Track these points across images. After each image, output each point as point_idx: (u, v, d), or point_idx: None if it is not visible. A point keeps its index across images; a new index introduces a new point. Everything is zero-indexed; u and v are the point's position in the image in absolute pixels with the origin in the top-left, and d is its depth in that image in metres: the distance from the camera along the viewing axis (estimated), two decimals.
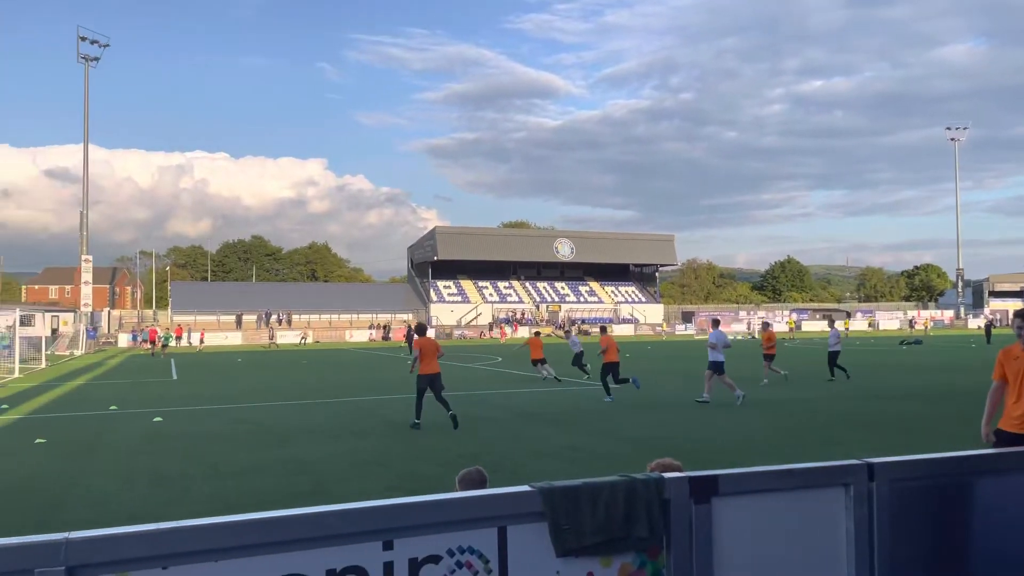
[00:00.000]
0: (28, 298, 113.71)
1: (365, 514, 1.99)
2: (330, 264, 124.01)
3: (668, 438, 12.39)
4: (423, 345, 14.07)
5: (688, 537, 2.29)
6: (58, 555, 1.70)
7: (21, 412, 17.30)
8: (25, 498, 8.79)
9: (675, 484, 2.31)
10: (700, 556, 2.29)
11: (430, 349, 13.99)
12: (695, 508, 2.30)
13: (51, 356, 40.38)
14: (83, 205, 64.28)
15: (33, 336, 39.80)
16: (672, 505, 2.29)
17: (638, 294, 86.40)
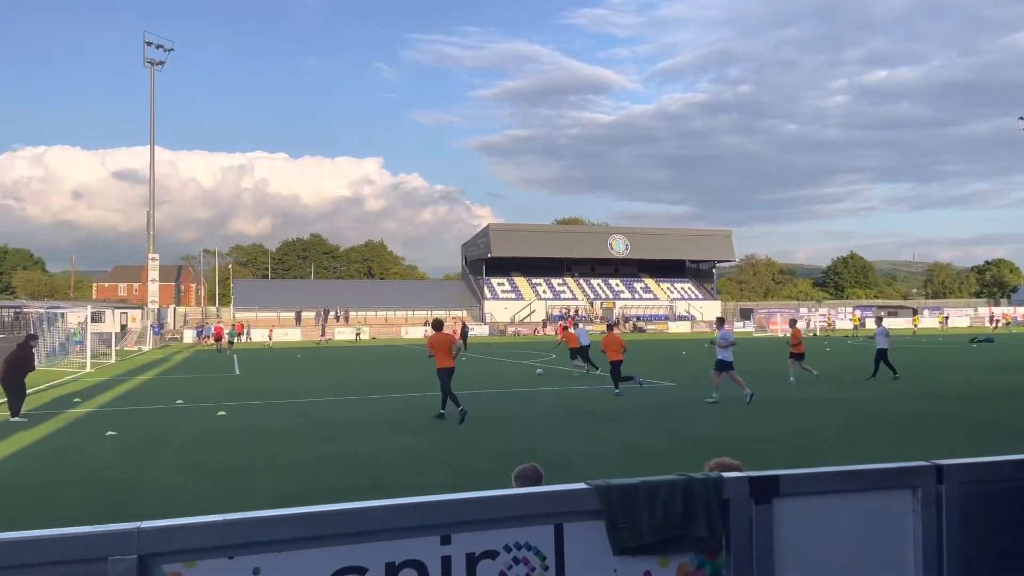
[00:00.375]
0: (98, 295, 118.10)
1: (423, 509, 2.01)
2: (386, 261, 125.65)
3: (727, 437, 12.20)
4: (436, 342, 14.62)
5: (748, 538, 2.25)
6: (131, 544, 1.77)
7: (93, 405, 17.99)
8: (98, 488, 9.14)
9: (735, 484, 2.28)
10: (761, 558, 2.25)
11: (442, 345, 14.50)
12: (755, 509, 2.26)
13: (120, 351, 41.86)
14: (150, 205, 66.49)
15: (104, 332, 41.30)
16: (732, 505, 2.26)
17: (694, 291, 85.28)
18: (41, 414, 16.28)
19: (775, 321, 71.68)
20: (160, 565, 1.80)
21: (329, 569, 1.92)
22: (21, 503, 8.45)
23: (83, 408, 17.42)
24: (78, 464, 10.63)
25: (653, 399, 17.60)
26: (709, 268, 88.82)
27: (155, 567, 1.79)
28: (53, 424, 14.76)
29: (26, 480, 9.65)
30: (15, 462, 10.95)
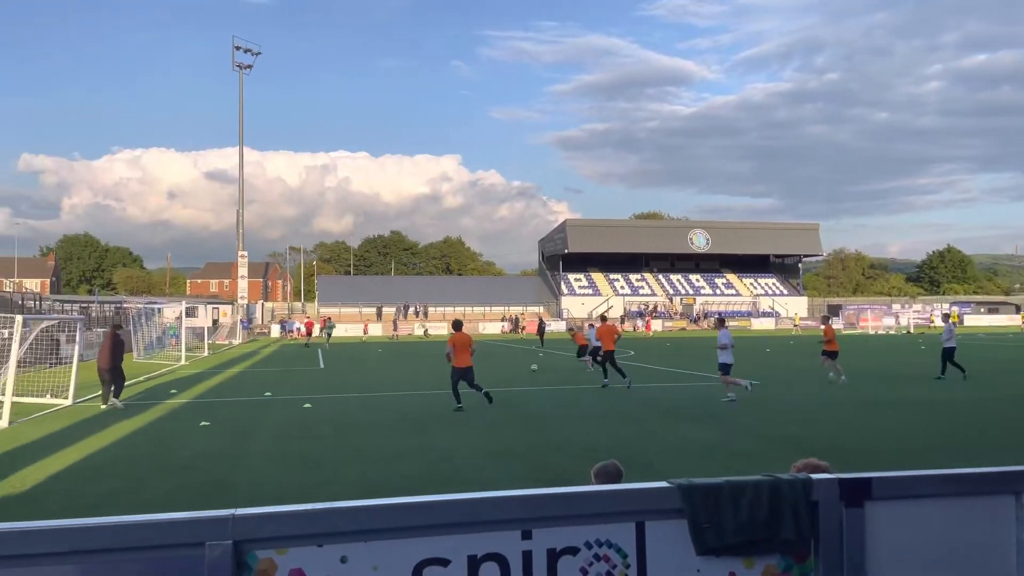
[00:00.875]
0: (192, 291, 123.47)
1: (505, 503, 2.03)
2: (463, 258, 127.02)
3: (814, 437, 11.84)
4: (456, 341, 15.29)
5: (838, 542, 2.18)
6: (226, 530, 1.84)
7: (188, 396, 18.84)
8: (194, 476, 9.57)
9: (824, 486, 2.21)
10: (852, 562, 2.18)
11: (462, 344, 15.21)
12: (846, 512, 2.19)
13: (212, 345, 43.66)
14: (239, 204, 69.05)
15: (197, 326, 43.16)
16: (821, 508, 2.19)
17: (779, 286, 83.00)
18: (141, 404, 17.15)
19: (865, 318, 69.08)
20: (253, 551, 1.87)
21: (413, 560, 1.96)
22: (123, 488, 8.93)
23: (179, 399, 18.25)
24: (175, 452, 11.15)
25: (737, 398, 17.22)
26: (795, 263, 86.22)
27: (248, 553, 1.86)
28: (152, 414, 15.52)
29: (128, 466, 10.18)
30: (118, 449, 11.57)
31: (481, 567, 2.00)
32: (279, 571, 1.88)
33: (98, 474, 9.70)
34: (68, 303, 51.17)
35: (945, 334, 21.26)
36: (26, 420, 14.59)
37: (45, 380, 18.43)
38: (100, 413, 15.65)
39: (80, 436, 12.68)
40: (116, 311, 47.30)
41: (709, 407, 15.50)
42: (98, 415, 15.35)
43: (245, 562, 1.86)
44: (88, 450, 11.40)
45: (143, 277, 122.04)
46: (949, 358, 20.76)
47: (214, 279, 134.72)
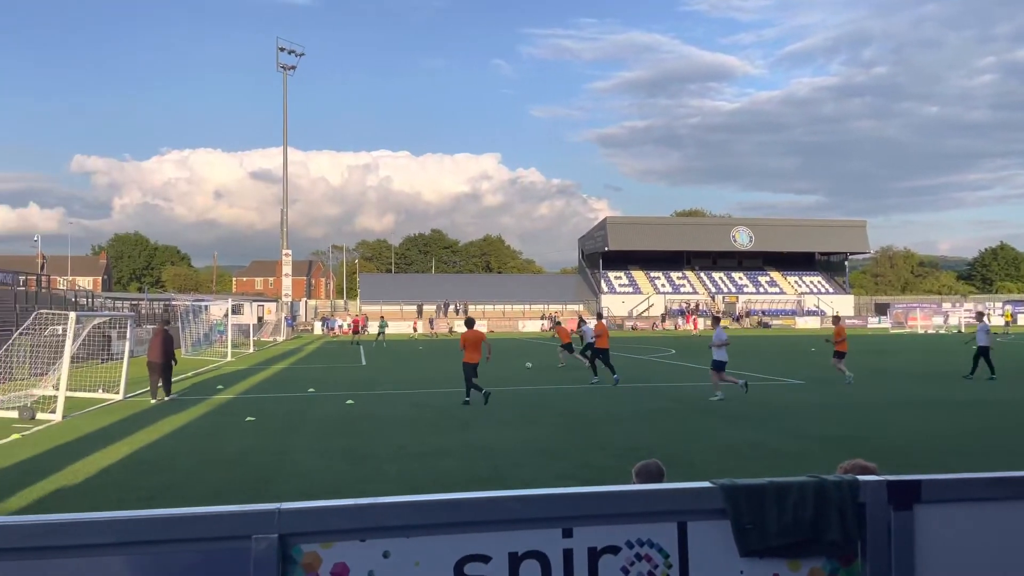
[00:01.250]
0: (238, 289, 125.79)
1: (545, 501, 2.03)
2: (503, 256, 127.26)
3: (861, 438, 11.61)
4: (468, 338, 16.12)
5: (887, 545, 2.14)
6: (272, 523, 1.88)
7: (234, 392, 19.20)
8: (239, 470, 9.76)
9: (871, 488, 2.16)
10: (900, 566, 2.13)
11: (473, 341, 15.98)
12: (894, 515, 2.14)
13: (257, 342, 44.41)
14: (283, 204, 70.17)
15: (243, 324, 43.93)
16: (868, 510, 2.15)
17: (824, 284, 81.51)
18: (189, 399, 17.54)
19: (914, 317, 67.43)
20: (299, 545, 1.90)
21: (454, 556, 1.97)
22: (172, 481, 9.14)
23: (225, 394, 18.62)
24: (222, 447, 11.38)
25: (779, 397, 16.98)
26: (841, 260, 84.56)
27: (294, 546, 1.89)
28: (199, 409, 15.86)
29: (177, 460, 10.43)
30: (167, 443, 11.85)
31: (522, 564, 2.00)
32: (323, 565, 1.91)
33: (149, 467, 9.94)
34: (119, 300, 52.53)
35: (979, 334, 21.00)
36: (79, 414, 15.03)
37: (97, 375, 18.94)
38: (150, 408, 16.04)
39: (131, 430, 13.02)
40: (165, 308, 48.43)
41: (752, 407, 15.29)
42: (148, 410, 15.74)
43: (290, 555, 1.89)
44: (139, 444, 11.70)
45: (191, 275, 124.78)
46: (985, 356, 20.60)
47: (259, 277, 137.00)
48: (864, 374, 22.89)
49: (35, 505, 8.07)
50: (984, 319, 21.91)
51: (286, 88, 68.68)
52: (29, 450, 11.20)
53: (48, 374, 17.75)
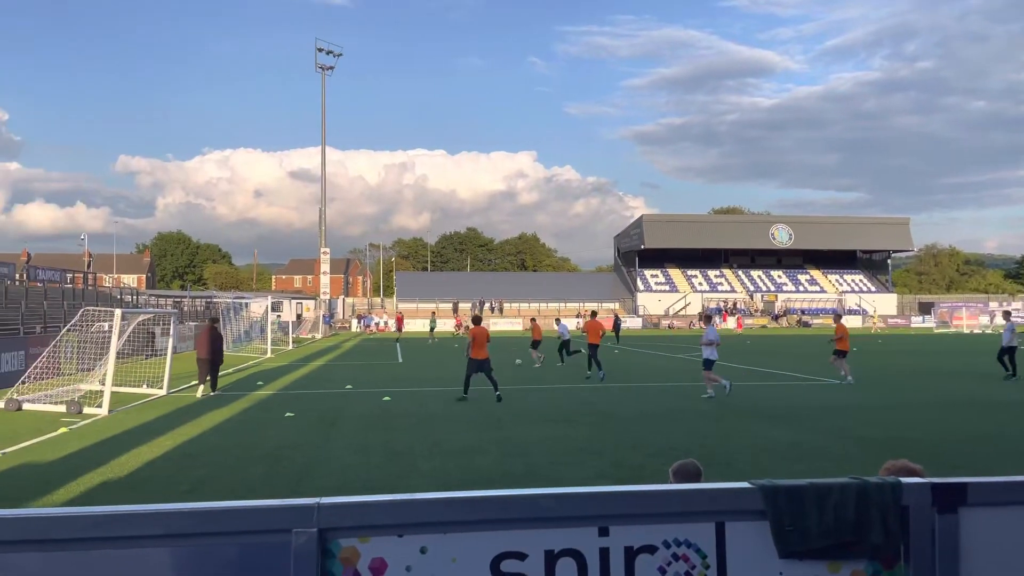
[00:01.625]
0: (277, 286, 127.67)
1: (582, 499, 2.03)
2: (538, 254, 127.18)
3: (904, 439, 11.38)
4: (475, 334, 16.42)
5: (931, 549, 2.09)
6: (311, 518, 1.90)
7: (273, 388, 19.49)
8: (279, 465, 9.90)
9: (915, 490, 2.12)
10: (944, 570, 2.09)
11: (480, 338, 16.33)
12: (939, 518, 2.10)
13: (296, 339, 45.02)
14: (321, 202, 70.94)
15: (282, 321, 44.56)
16: (912, 513, 2.10)
17: (866, 283, 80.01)
18: (230, 395, 17.85)
19: (959, 316, 65.90)
20: (337, 539, 1.92)
21: (491, 553, 1.98)
22: (213, 475, 9.31)
23: (265, 391, 18.90)
24: (262, 442, 11.56)
25: (820, 398, 16.72)
26: (883, 259, 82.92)
27: (333, 541, 1.92)
28: (240, 404, 16.13)
29: (218, 454, 10.62)
30: (209, 438, 12.07)
31: (558, 562, 2.00)
32: (361, 559, 1.93)
33: (191, 461, 10.14)
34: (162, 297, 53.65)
35: (1006, 335, 20.94)
36: (124, 409, 15.38)
37: (141, 371, 19.38)
38: (193, 403, 16.36)
39: (174, 425, 13.29)
40: (207, 305, 49.32)
41: (791, 406, 15.08)
42: (191, 404, 16.05)
43: (329, 549, 1.91)
44: (181, 438, 11.94)
45: (231, 273, 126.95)
46: (1009, 355, 20.52)
47: (298, 275, 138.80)
48: (907, 374, 22.43)
49: (82, 497, 8.28)
50: (1010, 319, 21.84)
51: (324, 88, 69.41)
52: (76, 443, 11.50)
53: (94, 369, 18.22)
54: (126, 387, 17.85)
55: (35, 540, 1.84)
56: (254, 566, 1.89)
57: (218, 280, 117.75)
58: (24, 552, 1.83)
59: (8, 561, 1.83)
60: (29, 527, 1.84)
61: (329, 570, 1.91)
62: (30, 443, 11.54)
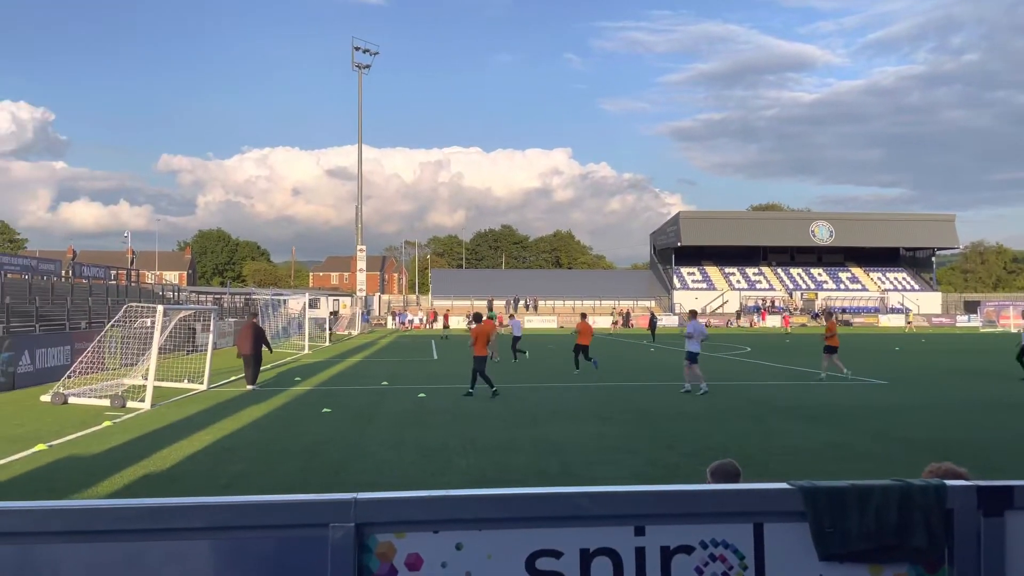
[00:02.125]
0: (314, 283, 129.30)
1: (618, 498, 2.02)
2: (573, 251, 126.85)
3: (949, 441, 11.14)
4: (477, 332, 16.86)
5: (975, 553, 2.05)
6: (348, 513, 1.92)
7: (310, 384, 19.73)
8: (316, 459, 10.02)
9: (960, 493, 2.07)
10: (990, 575, 2.04)
11: (482, 335, 16.75)
12: (984, 521, 2.05)
13: (333, 335, 45.49)
14: (358, 201, 71.62)
15: (319, 317, 45.08)
16: (956, 516, 2.06)
17: (910, 281, 78.39)
18: (268, 390, 18.11)
19: (1007, 315, 64.22)
20: (374, 534, 1.94)
21: (526, 550, 1.98)
22: (253, 469, 9.46)
23: (303, 386, 19.15)
24: (299, 437, 11.72)
25: (861, 398, 16.43)
26: (928, 256, 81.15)
27: (369, 535, 1.93)
28: (278, 400, 16.36)
29: (257, 449, 10.78)
30: (247, 432, 12.27)
31: (593, 561, 2.00)
32: (397, 555, 1.94)
33: (231, 455, 10.31)
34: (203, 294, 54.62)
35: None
36: (166, 403, 15.70)
37: (183, 366, 19.76)
38: (233, 397, 16.63)
39: (214, 419, 13.53)
40: (246, 302, 50.11)
41: (831, 407, 14.84)
42: (230, 399, 16.32)
43: (366, 544, 1.93)
44: (221, 433, 12.15)
45: (270, 270, 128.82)
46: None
47: (335, 272, 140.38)
48: (952, 374, 21.94)
49: (124, 489, 8.47)
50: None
51: (361, 87, 70.13)
52: (120, 437, 11.77)
53: (137, 364, 18.61)
54: (168, 382, 18.21)
55: (80, 531, 1.88)
56: (292, 560, 1.92)
57: (257, 277, 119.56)
58: (70, 543, 1.88)
59: (54, 551, 1.87)
60: (74, 519, 1.89)
61: (366, 565, 1.93)
62: (75, 436, 11.84)
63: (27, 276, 32.22)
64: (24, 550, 1.87)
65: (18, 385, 18.20)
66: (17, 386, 18.14)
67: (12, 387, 17.97)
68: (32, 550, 1.87)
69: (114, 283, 38.59)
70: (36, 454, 10.38)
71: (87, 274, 37.95)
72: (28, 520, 1.86)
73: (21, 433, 12.04)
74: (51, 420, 13.40)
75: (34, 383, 18.63)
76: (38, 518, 1.87)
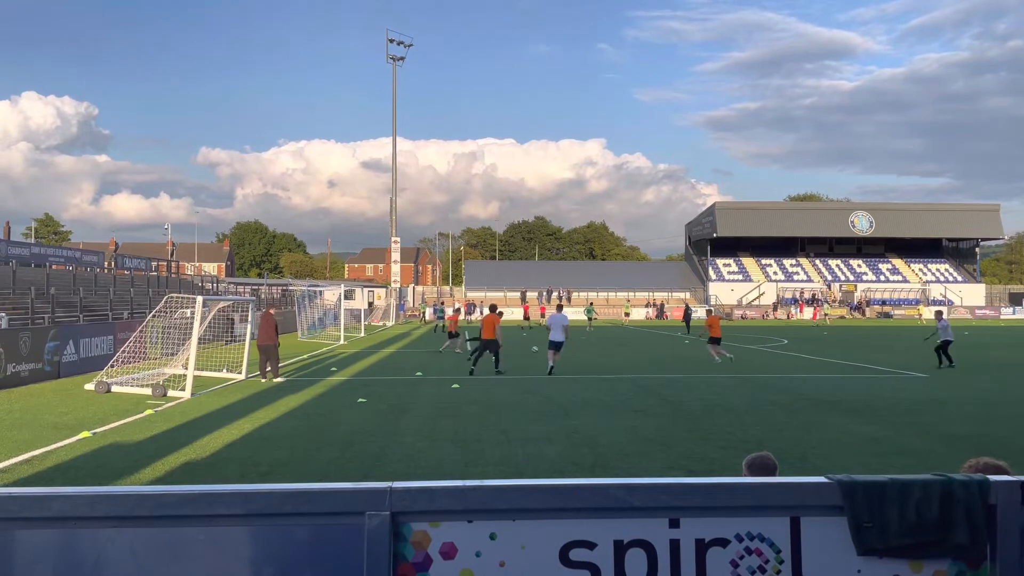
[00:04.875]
0: (350, 275, 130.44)
1: (652, 490, 2.01)
2: (607, 243, 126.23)
3: (992, 437, 10.90)
4: (485, 321, 19.86)
5: (1019, 549, 2.00)
6: (384, 501, 1.94)
7: (346, 374, 19.94)
8: (352, 449, 10.14)
9: (1003, 488, 2.03)
10: None
11: (489, 323, 19.64)
12: None
13: (368, 326, 45.92)
14: (392, 192, 72.04)
15: (355, 308, 45.52)
16: (999, 511, 2.01)
17: (952, 272, 76.64)
18: (304, 380, 18.35)
19: None
20: (409, 523, 1.96)
21: (560, 541, 1.98)
22: (291, 458, 9.60)
23: (339, 377, 19.36)
24: (335, 427, 11.86)
25: (902, 391, 16.14)
26: (971, 247, 79.22)
27: (404, 524, 1.95)
28: (315, 390, 16.57)
29: (294, 438, 10.94)
30: (285, 421, 12.45)
31: (627, 552, 1.99)
32: (432, 544, 1.96)
33: (269, 444, 10.48)
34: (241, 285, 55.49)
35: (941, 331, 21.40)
36: (206, 392, 15.99)
37: (221, 356, 20.09)
38: (271, 387, 16.88)
39: (252, 408, 13.75)
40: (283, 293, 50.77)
41: (870, 400, 14.60)
42: (268, 389, 16.58)
43: (401, 533, 1.95)
44: (259, 422, 12.34)
45: (306, 261, 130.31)
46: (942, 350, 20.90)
47: (370, 263, 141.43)
48: (995, 368, 21.44)
49: (166, 476, 8.66)
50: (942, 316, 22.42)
51: (395, 79, 70.31)
52: (161, 425, 12.02)
53: (178, 354, 18.98)
54: (207, 371, 18.54)
55: (124, 516, 1.93)
56: (328, 547, 1.95)
57: (293, 268, 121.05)
58: (114, 528, 1.93)
59: (98, 536, 1.92)
60: (118, 504, 1.93)
61: (401, 553, 1.95)
62: (118, 424, 12.12)
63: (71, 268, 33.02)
64: (70, 534, 1.92)
65: (63, 374, 18.68)
66: (62, 375, 18.62)
67: (57, 376, 18.45)
68: (77, 534, 1.92)
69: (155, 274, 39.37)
70: (80, 441, 10.66)
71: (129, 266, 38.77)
72: (74, 505, 1.91)
73: (66, 421, 12.37)
74: (95, 408, 13.73)
75: (78, 372, 19.11)
76: (83, 503, 1.92)
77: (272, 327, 18.39)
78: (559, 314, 20.10)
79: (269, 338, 18.19)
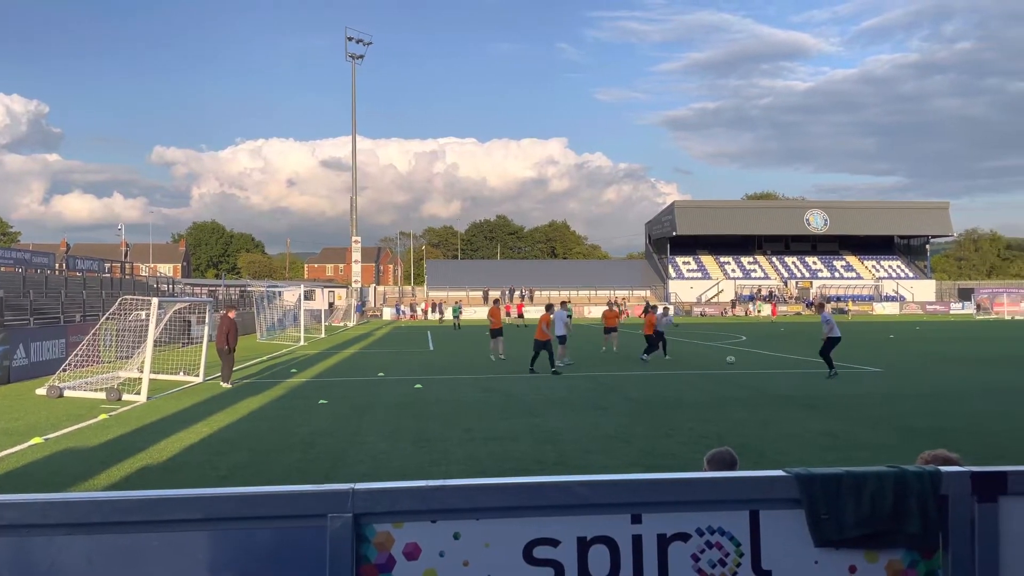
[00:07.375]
0: (309, 275, 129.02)
1: (614, 487, 2.03)
2: (569, 241, 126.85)
3: (943, 429, 11.20)
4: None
5: (969, 538, 2.06)
6: (346, 503, 1.93)
7: (307, 376, 19.73)
8: (313, 451, 10.03)
9: (954, 479, 2.09)
10: (984, 560, 2.05)
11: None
12: (978, 507, 2.06)
13: (328, 327, 45.49)
14: (352, 191, 71.45)
15: (315, 309, 45.02)
16: (951, 502, 2.07)
17: (904, 269, 78.61)
18: (264, 382, 18.10)
19: (1000, 302, 64.51)
20: (372, 524, 1.95)
21: (523, 539, 1.99)
22: (250, 461, 9.47)
23: (299, 378, 19.14)
24: (296, 428, 11.72)
25: (857, 386, 16.50)
26: (922, 244, 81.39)
27: (367, 526, 1.94)
28: (274, 392, 16.36)
29: (253, 441, 10.79)
30: (244, 424, 12.27)
31: (591, 549, 2.01)
32: (395, 544, 1.95)
33: (227, 447, 10.32)
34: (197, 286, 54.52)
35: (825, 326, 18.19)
36: (162, 396, 15.69)
37: (178, 359, 19.73)
38: (229, 390, 16.60)
39: (210, 411, 13.52)
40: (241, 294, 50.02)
41: (827, 395, 14.91)
42: (226, 392, 16.31)
43: (364, 534, 1.94)
44: (217, 425, 12.14)
45: (264, 262, 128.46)
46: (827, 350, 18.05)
47: (330, 263, 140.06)
48: (945, 362, 22.03)
49: (122, 482, 8.47)
50: (825, 309, 19.24)
51: (355, 77, 69.82)
52: (116, 429, 11.76)
53: (133, 357, 18.58)
54: (163, 374, 18.18)
55: (78, 523, 1.88)
56: (290, 550, 1.93)
57: (251, 269, 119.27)
58: (68, 535, 1.88)
59: (52, 544, 1.88)
60: (72, 511, 1.89)
61: (364, 555, 1.94)
62: (71, 429, 11.82)
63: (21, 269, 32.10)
64: (22, 542, 1.87)
65: (13, 379, 18.17)
66: (12, 380, 18.11)
67: (7, 381, 17.94)
68: (30, 542, 1.88)
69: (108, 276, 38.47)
70: (32, 447, 10.37)
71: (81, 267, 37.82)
72: (26, 513, 1.87)
73: (17, 427, 12.03)
74: (47, 413, 13.38)
75: (29, 376, 18.60)
76: (36, 511, 1.87)
77: (225, 330, 17.68)
78: (559, 311, 21.66)
79: (220, 342, 17.60)
